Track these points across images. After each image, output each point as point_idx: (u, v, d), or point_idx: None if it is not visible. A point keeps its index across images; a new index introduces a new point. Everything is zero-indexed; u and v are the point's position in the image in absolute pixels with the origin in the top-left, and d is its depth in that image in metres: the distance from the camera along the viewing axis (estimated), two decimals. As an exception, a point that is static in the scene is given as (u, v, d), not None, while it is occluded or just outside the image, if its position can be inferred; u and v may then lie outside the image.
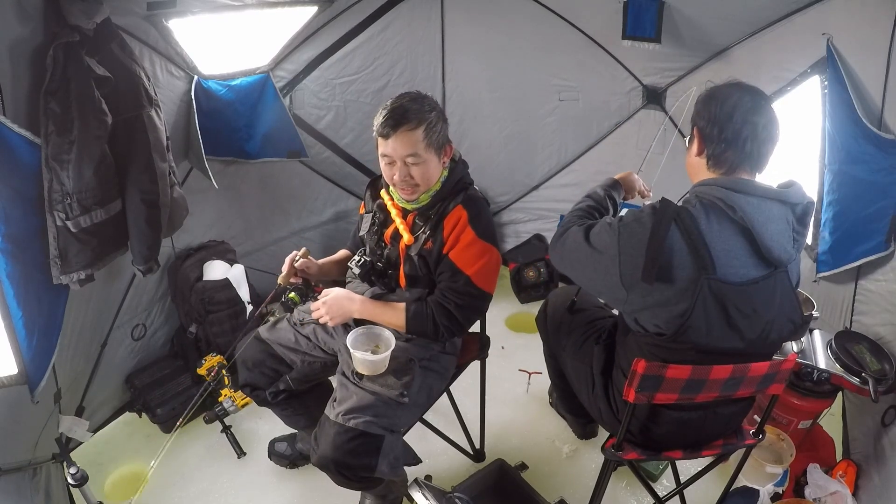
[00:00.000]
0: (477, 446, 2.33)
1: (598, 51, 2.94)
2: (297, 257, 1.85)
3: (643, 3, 2.57)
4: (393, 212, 1.80)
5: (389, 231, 1.83)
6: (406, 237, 1.75)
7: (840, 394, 2.29)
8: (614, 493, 2.17)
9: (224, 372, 2.21)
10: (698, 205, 1.36)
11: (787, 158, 1.78)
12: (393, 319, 1.76)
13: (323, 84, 2.89)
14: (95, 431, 2.34)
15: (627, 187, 1.78)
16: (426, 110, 1.63)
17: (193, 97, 2.29)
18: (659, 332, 1.41)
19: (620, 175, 1.79)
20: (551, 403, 2.58)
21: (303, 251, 1.87)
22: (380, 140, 1.65)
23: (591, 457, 2.33)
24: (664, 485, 2.22)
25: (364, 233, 1.90)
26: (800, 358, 2.00)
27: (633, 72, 2.94)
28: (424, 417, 1.96)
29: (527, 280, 3.24)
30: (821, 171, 2.18)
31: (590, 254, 1.44)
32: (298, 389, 1.95)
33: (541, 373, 2.53)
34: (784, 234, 1.37)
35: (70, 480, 1.77)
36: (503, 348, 2.94)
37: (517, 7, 3.00)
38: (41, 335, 1.74)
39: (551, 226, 3.42)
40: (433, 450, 2.29)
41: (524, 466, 2.28)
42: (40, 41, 1.61)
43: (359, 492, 1.98)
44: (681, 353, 1.41)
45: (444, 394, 2.01)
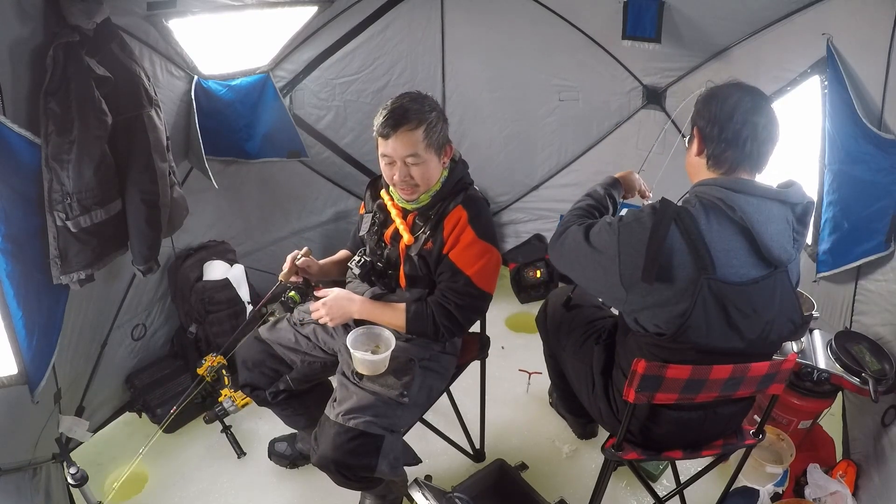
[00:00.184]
0: (477, 446, 2.33)
1: (598, 51, 2.94)
2: (299, 256, 1.85)
3: (643, 3, 2.57)
4: (393, 212, 1.80)
5: (389, 231, 1.83)
6: (406, 237, 1.75)
7: (840, 394, 2.29)
8: (614, 493, 2.17)
9: (224, 371, 2.20)
10: (698, 205, 1.36)
11: (787, 158, 1.78)
12: (393, 320, 1.76)
13: (323, 84, 2.89)
14: (95, 431, 2.34)
15: (627, 186, 1.77)
16: (426, 110, 1.63)
17: (193, 97, 2.30)
18: (659, 332, 1.41)
19: (621, 174, 1.78)
20: (551, 403, 2.58)
21: (304, 250, 1.87)
22: (380, 140, 1.65)
23: (591, 457, 2.33)
24: (664, 485, 2.22)
25: (364, 233, 1.90)
26: (800, 358, 2.00)
27: (633, 72, 2.94)
28: (424, 417, 1.96)
29: (527, 280, 3.24)
30: (821, 171, 2.18)
31: (589, 253, 1.44)
32: (298, 389, 1.95)
33: (541, 373, 2.53)
34: (784, 234, 1.37)
35: (70, 480, 1.77)
36: (503, 348, 2.94)
37: (517, 7, 2.99)
38: (41, 335, 1.74)
39: (551, 226, 3.42)
40: (433, 450, 2.29)
41: (524, 466, 2.28)
42: (40, 41, 1.61)
43: (359, 492, 1.98)
44: (681, 353, 1.41)
45: (444, 394, 2.01)
